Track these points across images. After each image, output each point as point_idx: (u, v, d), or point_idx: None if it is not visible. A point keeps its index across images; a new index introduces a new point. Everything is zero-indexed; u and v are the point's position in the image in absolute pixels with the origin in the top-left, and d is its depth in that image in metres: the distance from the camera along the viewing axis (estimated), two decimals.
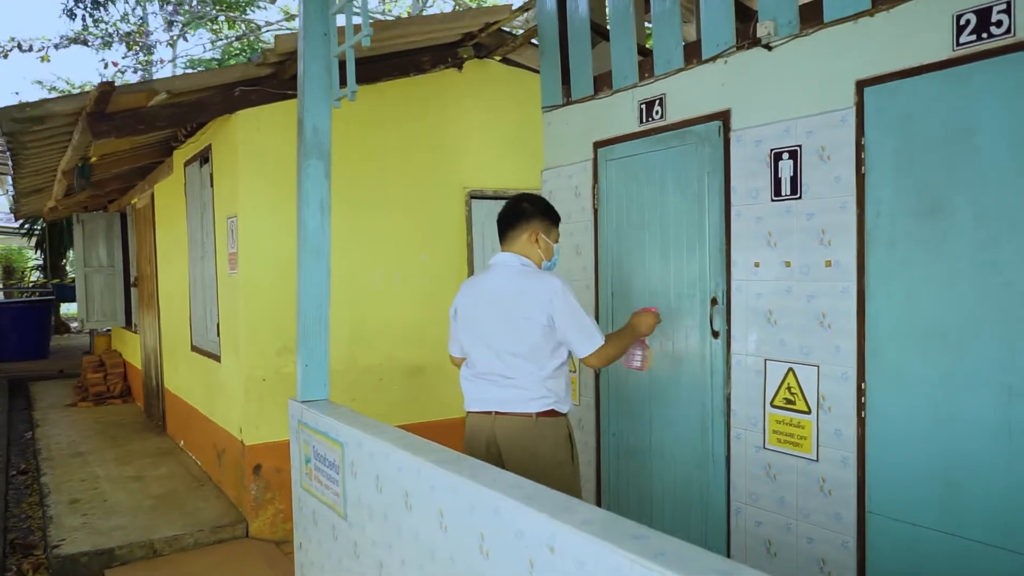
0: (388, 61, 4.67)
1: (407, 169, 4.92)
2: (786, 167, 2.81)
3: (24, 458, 6.64)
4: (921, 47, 2.39)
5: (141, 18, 17.41)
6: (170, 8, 16.85)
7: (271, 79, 4.34)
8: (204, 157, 5.06)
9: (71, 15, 18.56)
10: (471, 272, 5.06)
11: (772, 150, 2.85)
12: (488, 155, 5.18)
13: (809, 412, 2.74)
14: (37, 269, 19.76)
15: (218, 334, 4.93)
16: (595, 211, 3.71)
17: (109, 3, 16.25)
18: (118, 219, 9.04)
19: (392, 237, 4.86)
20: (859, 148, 2.56)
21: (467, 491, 2.03)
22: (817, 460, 2.72)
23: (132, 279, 8.59)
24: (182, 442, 6.38)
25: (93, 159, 5.59)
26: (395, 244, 4.87)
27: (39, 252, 17.62)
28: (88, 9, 18.00)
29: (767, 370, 2.89)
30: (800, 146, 2.76)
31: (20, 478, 6.03)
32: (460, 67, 5.06)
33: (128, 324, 8.94)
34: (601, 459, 3.72)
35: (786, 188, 2.81)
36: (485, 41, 4.94)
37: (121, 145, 4.52)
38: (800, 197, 2.76)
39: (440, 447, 2.39)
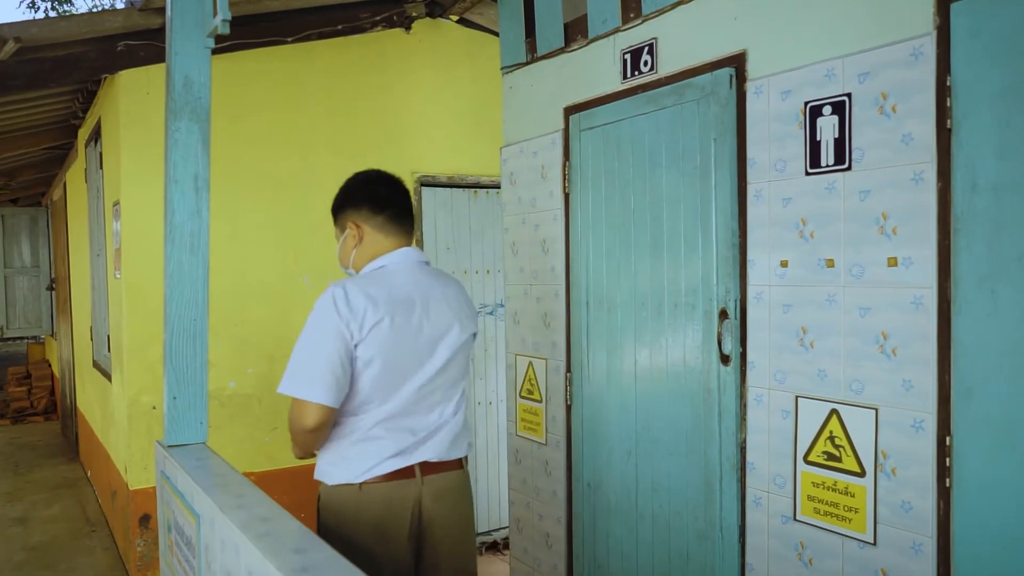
0: (316, 14, 3.81)
1: (342, 149, 4.07)
2: (828, 126, 1.99)
3: None
4: None
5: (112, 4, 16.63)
6: None
7: (164, 32, 3.48)
8: (97, 133, 4.19)
9: (33, 6, 17.64)
10: None
11: (807, 103, 2.04)
12: (442, 135, 4.34)
13: (863, 474, 1.92)
14: None
15: (109, 349, 4.05)
16: (566, 196, 2.89)
17: None
18: (44, 215, 8.09)
19: (322, 232, 3.99)
20: (943, 92, 1.75)
21: None
22: (874, 544, 1.90)
23: (50, 282, 7.66)
24: (90, 472, 5.47)
25: None
26: (327, 240, 3.99)
27: None
28: (53, 2, 17.15)
29: (799, 411, 2.07)
30: (849, 95, 1.94)
31: None
32: (408, 28, 4.21)
33: (53, 332, 8.01)
34: (573, 516, 2.88)
35: (828, 156, 2.00)
36: None
37: None
38: (849, 168, 1.95)
39: (318, 543, 1.54)
